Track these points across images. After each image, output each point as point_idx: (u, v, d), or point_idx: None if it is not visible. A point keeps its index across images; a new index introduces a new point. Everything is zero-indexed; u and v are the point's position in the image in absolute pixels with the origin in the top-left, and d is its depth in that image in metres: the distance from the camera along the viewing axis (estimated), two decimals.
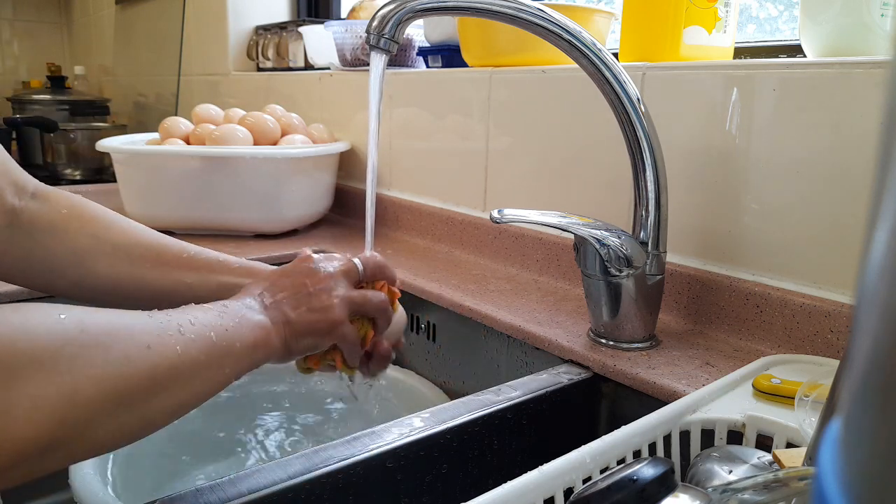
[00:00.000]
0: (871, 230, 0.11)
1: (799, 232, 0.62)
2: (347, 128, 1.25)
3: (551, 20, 0.58)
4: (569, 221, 0.61)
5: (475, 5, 0.57)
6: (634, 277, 0.62)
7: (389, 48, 0.55)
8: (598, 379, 0.62)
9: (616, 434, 0.43)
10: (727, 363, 0.61)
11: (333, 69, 1.30)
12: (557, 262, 0.85)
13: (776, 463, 0.39)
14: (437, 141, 1.04)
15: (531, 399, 0.58)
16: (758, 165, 0.65)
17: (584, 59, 0.59)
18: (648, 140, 0.61)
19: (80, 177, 1.93)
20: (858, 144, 0.58)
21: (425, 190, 1.08)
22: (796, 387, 0.47)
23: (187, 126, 1.12)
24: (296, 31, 1.51)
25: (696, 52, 0.74)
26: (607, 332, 0.65)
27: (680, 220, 0.71)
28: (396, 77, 1.10)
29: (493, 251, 0.95)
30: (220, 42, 1.73)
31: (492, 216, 0.58)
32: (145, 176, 1.06)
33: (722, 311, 0.67)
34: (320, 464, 0.45)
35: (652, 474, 0.31)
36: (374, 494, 0.48)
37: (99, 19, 2.63)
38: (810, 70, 0.60)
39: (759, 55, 0.84)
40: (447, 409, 0.54)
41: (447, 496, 0.53)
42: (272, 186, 1.05)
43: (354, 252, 1.00)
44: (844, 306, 0.59)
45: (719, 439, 0.47)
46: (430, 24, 1.08)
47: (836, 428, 0.12)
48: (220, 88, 1.76)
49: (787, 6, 0.93)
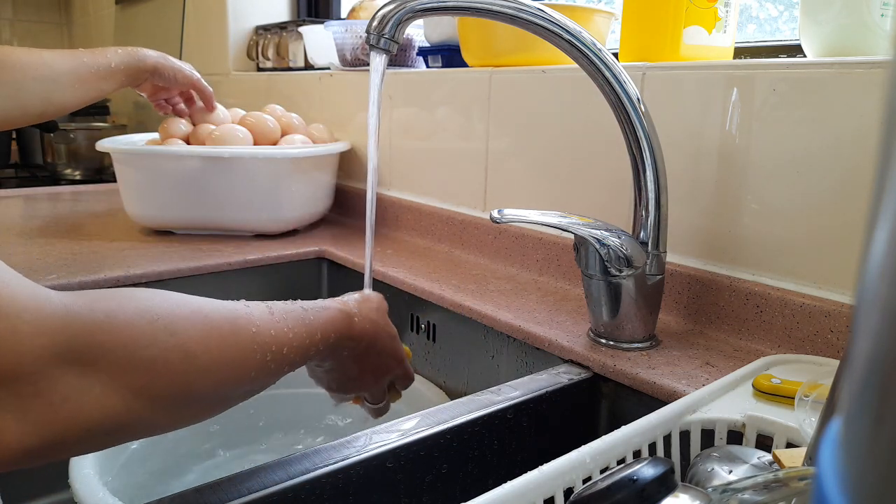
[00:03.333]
0: (871, 230, 0.11)
1: (799, 232, 0.62)
2: (347, 128, 1.25)
3: (551, 20, 0.58)
4: (569, 221, 0.61)
5: (475, 5, 0.57)
6: (634, 277, 0.62)
7: (389, 48, 0.55)
8: (598, 379, 0.62)
9: (616, 434, 0.43)
10: (727, 363, 0.61)
11: (333, 69, 1.30)
12: (557, 262, 0.85)
13: (776, 463, 0.39)
14: (437, 141, 1.04)
15: (531, 399, 0.58)
16: (758, 165, 0.65)
17: (584, 59, 0.59)
18: (648, 140, 0.61)
19: (80, 177, 1.93)
20: (858, 144, 0.58)
21: (425, 190, 1.08)
22: (796, 387, 0.47)
23: (187, 126, 1.12)
24: (296, 31, 1.51)
25: (696, 52, 0.74)
26: (607, 332, 0.65)
27: (680, 219, 0.71)
28: (396, 77, 1.10)
29: (493, 251, 0.95)
30: (220, 42, 1.73)
31: (492, 216, 0.58)
32: (145, 176, 1.06)
33: (722, 311, 0.67)
34: (320, 464, 0.45)
35: (652, 474, 0.31)
36: (374, 494, 0.48)
37: (99, 19, 2.63)
38: (810, 70, 0.60)
39: (759, 55, 0.84)
40: (447, 409, 0.54)
41: (447, 496, 0.53)
42: (272, 186, 1.05)
43: (352, 251, 1.00)
44: (844, 306, 0.59)
45: (719, 439, 0.47)
46: (430, 24, 1.08)
47: (836, 428, 0.12)
48: (220, 88, 1.76)
49: (787, 6, 0.93)
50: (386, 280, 0.89)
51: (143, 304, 0.34)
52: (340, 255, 1.00)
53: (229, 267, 0.94)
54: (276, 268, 0.99)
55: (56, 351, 0.29)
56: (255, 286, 0.97)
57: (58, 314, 0.30)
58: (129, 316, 0.33)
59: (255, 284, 0.97)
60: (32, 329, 0.29)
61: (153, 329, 0.34)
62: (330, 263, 1.04)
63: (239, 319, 0.39)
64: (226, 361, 0.37)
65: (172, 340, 0.34)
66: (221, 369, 0.37)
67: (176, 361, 0.34)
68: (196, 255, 0.94)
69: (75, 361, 0.30)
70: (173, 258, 0.92)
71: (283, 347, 0.41)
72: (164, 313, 0.35)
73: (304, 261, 1.02)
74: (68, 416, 0.30)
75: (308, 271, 1.03)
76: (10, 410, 0.28)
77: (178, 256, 0.93)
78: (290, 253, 1.01)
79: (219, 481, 0.43)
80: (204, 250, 0.98)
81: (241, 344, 0.39)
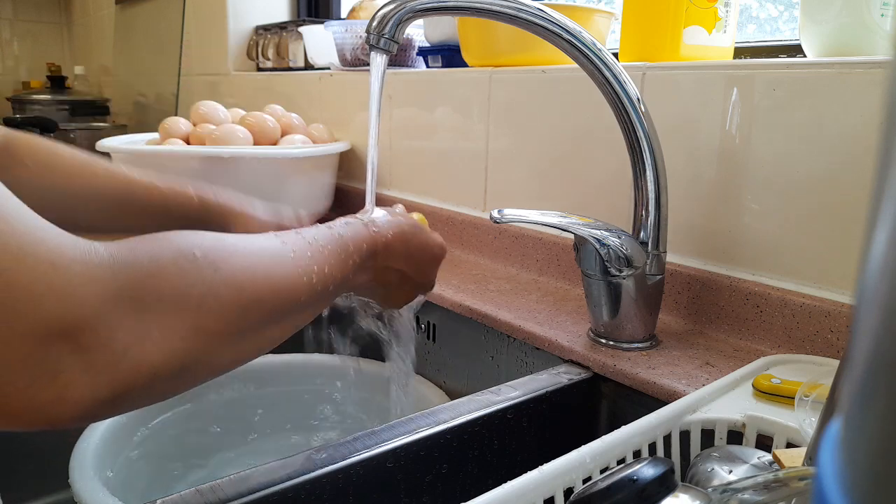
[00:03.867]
0: (871, 230, 0.11)
1: (799, 232, 0.62)
2: (347, 128, 1.25)
3: (551, 20, 0.58)
4: (569, 221, 0.61)
5: (475, 5, 0.57)
6: (634, 277, 0.62)
7: (389, 48, 0.55)
8: (598, 379, 0.62)
9: (616, 434, 0.43)
10: (727, 363, 0.61)
11: (333, 69, 1.30)
12: (557, 262, 0.85)
13: (776, 463, 0.39)
14: (437, 141, 1.04)
15: (531, 399, 0.58)
16: (758, 165, 0.65)
17: (584, 59, 0.59)
18: (648, 140, 0.61)
19: None
20: (858, 144, 0.58)
21: (425, 190, 1.08)
22: (796, 387, 0.47)
23: (187, 126, 1.12)
24: (296, 31, 1.51)
25: (696, 52, 0.74)
26: (607, 332, 0.65)
27: (680, 220, 0.71)
28: (396, 77, 1.10)
29: (493, 251, 0.95)
30: (219, 42, 1.73)
31: (492, 216, 0.58)
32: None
33: (722, 311, 0.67)
34: (320, 464, 0.45)
35: (652, 474, 0.31)
36: (374, 494, 0.48)
37: (99, 19, 2.63)
38: (810, 70, 0.60)
39: (759, 55, 0.84)
40: (447, 409, 0.54)
41: (447, 496, 0.53)
42: (272, 186, 1.05)
43: None
44: (844, 306, 0.59)
45: (719, 439, 0.47)
46: (430, 24, 1.08)
47: (836, 428, 0.12)
48: (220, 88, 1.76)
49: (787, 6, 0.93)
50: None
51: (183, 243, 0.34)
52: None
53: None
54: None
55: (110, 298, 0.29)
56: None
57: (105, 263, 0.30)
58: (172, 256, 0.33)
59: None
60: (86, 279, 0.29)
61: (197, 266, 0.34)
62: None
63: (275, 247, 0.40)
64: (273, 289, 0.38)
65: (218, 276, 0.34)
66: (271, 297, 0.37)
67: (225, 295, 0.35)
68: None
69: (130, 307, 0.30)
70: None
71: (325, 266, 0.42)
72: (205, 250, 0.35)
73: None
74: (133, 363, 0.30)
75: None
76: (76, 363, 0.28)
77: None
78: None
79: (219, 481, 0.43)
80: None
81: (284, 270, 0.39)
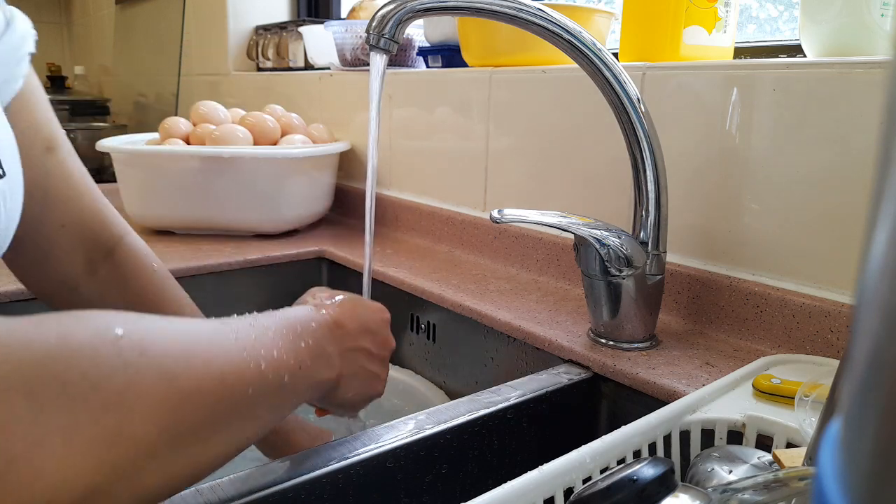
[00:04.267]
0: (871, 230, 0.11)
1: (799, 232, 0.62)
2: (347, 128, 1.25)
3: (551, 20, 0.58)
4: (569, 221, 0.61)
5: (475, 5, 0.57)
6: (634, 277, 0.62)
7: (389, 48, 0.55)
8: (598, 379, 0.62)
9: (616, 434, 0.43)
10: (727, 363, 0.61)
11: (333, 69, 1.30)
12: (557, 262, 0.85)
13: (776, 463, 0.39)
14: (437, 141, 1.04)
15: (531, 399, 0.58)
16: (758, 165, 0.65)
17: (583, 59, 0.59)
18: (648, 140, 0.61)
19: None
20: (858, 144, 0.58)
21: (425, 190, 1.08)
22: (796, 387, 0.47)
23: (187, 126, 1.12)
24: (296, 31, 1.51)
25: (696, 52, 0.74)
26: (607, 332, 0.65)
27: (680, 220, 0.71)
28: (396, 77, 1.10)
29: (493, 251, 0.95)
30: (219, 42, 1.73)
31: (492, 216, 0.58)
32: (145, 176, 1.06)
33: (722, 311, 0.67)
34: (320, 464, 0.45)
35: (652, 474, 0.31)
36: (374, 494, 0.48)
37: (99, 19, 2.63)
38: (810, 70, 0.60)
39: (759, 55, 0.84)
40: (447, 409, 0.54)
41: (447, 496, 0.53)
42: (272, 186, 1.05)
43: (352, 251, 1.00)
44: (844, 306, 0.59)
45: (719, 439, 0.47)
46: (430, 24, 1.08)
47: (836, 428, 0.12)
48: (220, 88, 1.76)
49: (787, 6, 0.93)
50: (386, 280, 0.89)
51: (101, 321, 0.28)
52: (340, 254, 1.00)
53: (229, 267, 0.94)
54: (276, 268, 0.99)
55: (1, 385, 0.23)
56: (255, 286, 0.97)
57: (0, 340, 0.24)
58: (88, 335, 0.26)
59: (255, 284, 0.97)
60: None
61: (118, 349, 0.27)
62: (330, 263, 1.04)
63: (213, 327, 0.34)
64: (215, 377, 0.31)
65: (144, 360, 0.28)
66: (213, 388, 0.31)
67: (153, 387, 0.27)
68: (196, 255, 0.94)
69: (23, 401, 0.23)
70: (173, 258, 0.92)
71: (273, 350, 0.36)
72: (129, 329, 0.28)
73: (304, 261, 1.02)
74: (17, 482, 0.23)
75: (308, 271, 1.03)
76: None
77: (178, 256, 0.93)
78: (290, 253, 1.01)
79: (219, 481, 0.43)
80: (204, 250, 0.98)
81: (227, 354, 0.32)
